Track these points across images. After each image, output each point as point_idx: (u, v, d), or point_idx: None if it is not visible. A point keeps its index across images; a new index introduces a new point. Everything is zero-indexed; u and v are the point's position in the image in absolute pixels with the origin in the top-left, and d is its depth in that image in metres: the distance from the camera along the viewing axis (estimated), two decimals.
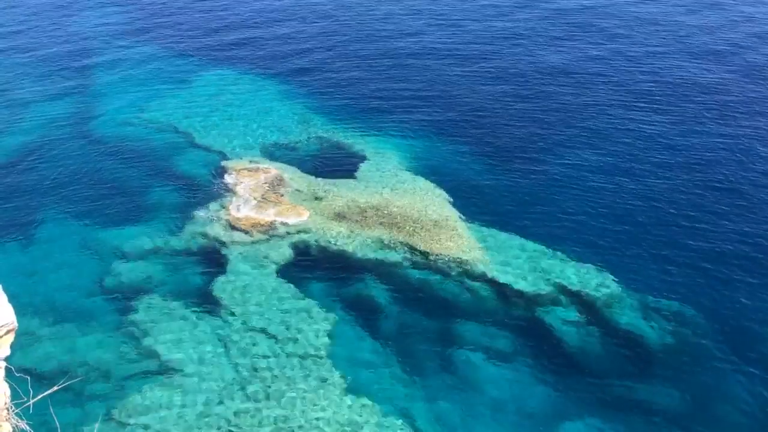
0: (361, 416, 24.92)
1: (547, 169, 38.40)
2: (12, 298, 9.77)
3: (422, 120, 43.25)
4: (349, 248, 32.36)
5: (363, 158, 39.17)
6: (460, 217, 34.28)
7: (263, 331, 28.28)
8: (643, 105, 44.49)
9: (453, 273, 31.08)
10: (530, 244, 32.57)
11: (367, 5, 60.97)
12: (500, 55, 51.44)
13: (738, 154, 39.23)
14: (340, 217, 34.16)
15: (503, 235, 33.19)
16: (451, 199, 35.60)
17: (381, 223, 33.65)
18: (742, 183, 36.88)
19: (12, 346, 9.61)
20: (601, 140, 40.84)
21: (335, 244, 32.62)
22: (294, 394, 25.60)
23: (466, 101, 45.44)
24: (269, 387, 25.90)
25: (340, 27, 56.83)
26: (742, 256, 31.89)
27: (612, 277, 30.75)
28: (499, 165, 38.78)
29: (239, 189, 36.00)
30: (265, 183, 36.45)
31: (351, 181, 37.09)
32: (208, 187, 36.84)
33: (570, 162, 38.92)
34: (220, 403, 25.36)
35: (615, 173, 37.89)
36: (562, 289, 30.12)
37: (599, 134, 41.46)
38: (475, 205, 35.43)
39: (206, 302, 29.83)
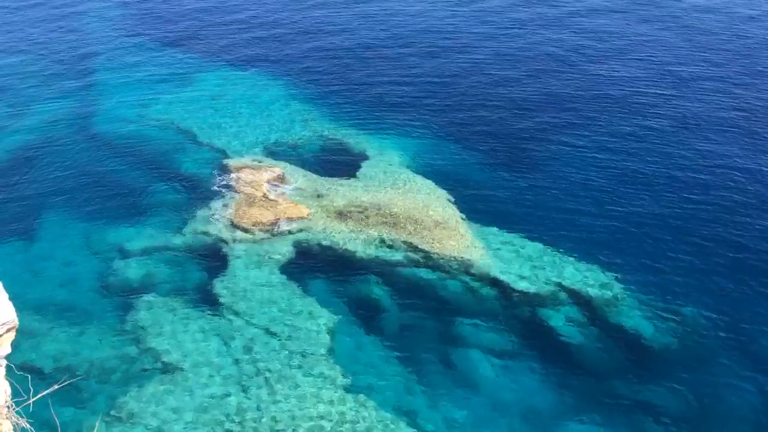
0: (361, 414, 24.91)
1: (549, 169, 38.36)
2: (13, 297, 9.76)
3: (424, 120, 43.20)
4: (351, 247, 32.34)
5: (365, 157, 39.16)
6: (462, 217, 34.24)
7: (264, 329, 28.27)
8: (646, 105, 44.42)
9: (454, 272, 31.05)
10: (532, 244, 32.53)
11: (368, 7, 60.91)
12: (504, 56, 51.37)
13: (745, 154, 39.13)
14: (341, 216, 34.14)
15: (505, 235, 33.15)
16: (453, 199, 35.57)
17: (382, 223, 33.63)
18: (749, 181, 36.78)
19: (13, 344, 9.60)
20: (603, 140, 40.78)
21: (337, 243, 32.60)
22: (295, 392, 25.59)
23: (468, 101, 45.39)
24: (270, 385, 25.87)
25: (343, 28, 56.81)
26: (746, 257, 31.83)
27: (614, 276, 30.71)
28: (501, 164, 38.75)
29: (241, 187, 35.99)
30: (267, 181, 36.43)
31: (353, 180, 37.08)
32: (209, 186, 36.83)
33: (572, 162, 38.87)
34: (221, 400, 25.35)
35: (617, 173, 37.82)
36: (564, 289, 30.08)
37: (602, 134, 41.39)
38: (477, 204, 35.39)
39: (208, 300, 29.84)
